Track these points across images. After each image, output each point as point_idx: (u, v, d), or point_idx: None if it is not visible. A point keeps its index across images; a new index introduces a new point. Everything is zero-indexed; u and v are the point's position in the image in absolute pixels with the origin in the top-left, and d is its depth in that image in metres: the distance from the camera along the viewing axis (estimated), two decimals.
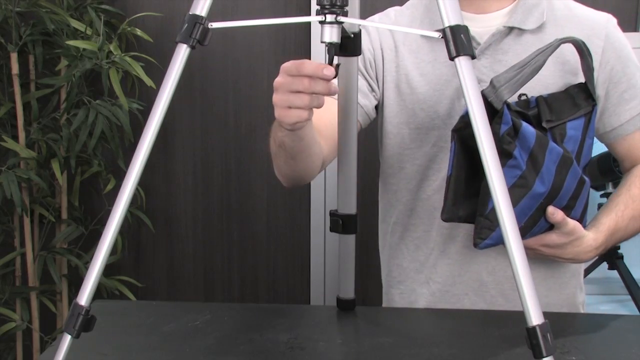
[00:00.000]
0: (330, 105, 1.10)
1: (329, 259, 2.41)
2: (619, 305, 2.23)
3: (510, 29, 1.26)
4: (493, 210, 0.99)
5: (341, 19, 0.89)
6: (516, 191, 1.11)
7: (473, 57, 0.83)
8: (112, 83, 2.01)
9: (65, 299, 2.23)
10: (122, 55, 2.03)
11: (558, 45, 1.16)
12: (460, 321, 1.22)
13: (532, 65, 1.12)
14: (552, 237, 1.20)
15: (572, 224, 1.19)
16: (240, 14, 2.28)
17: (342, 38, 0.91)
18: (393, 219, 1.37)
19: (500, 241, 1.05)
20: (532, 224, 1.16)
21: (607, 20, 1.30)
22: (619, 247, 2.28)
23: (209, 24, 0.87)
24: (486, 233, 1.13)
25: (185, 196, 2.43)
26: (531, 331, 0.81)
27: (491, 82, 1.11)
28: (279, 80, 0.98)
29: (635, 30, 2.27)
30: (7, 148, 2.08)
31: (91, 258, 0.88)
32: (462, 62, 0.82)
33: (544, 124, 1.15)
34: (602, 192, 2.25)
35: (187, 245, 2.46)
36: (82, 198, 2.30)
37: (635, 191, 1.30)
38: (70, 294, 2.24)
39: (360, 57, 1.31)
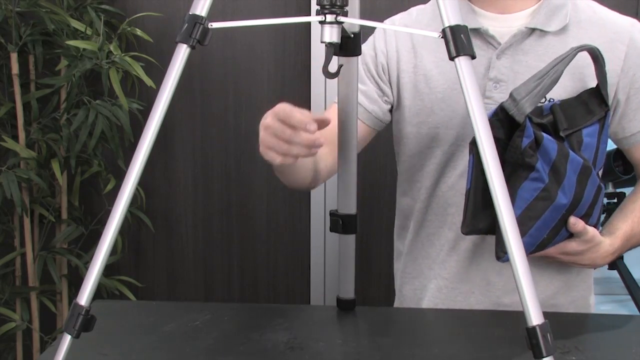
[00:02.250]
0: (335, 113, 1.10)
1: (329, 259, 2.41)
2: (619, 305, 2.23)
3: (532, 30, 1.25)
4: (521, 221, 1.00)
5: (341, 19, 0.89)
6: (539, 204, 1.10)
7: (473, 57, 0.83)
8: (112, 83, 2.01)
9: (65, 299, 2.23)
10: (122, 55, 2.03)
11: (576, 54, 1.14)
12: (461, 321, 1.22)
13: (552, 76, 1.11)
14: (572, 245, 1.20)
15: (592, 231, 1.19)
16: (240, 14, 2.28)
17: (342, 38, 0.91)
18: (413, 216, 1.38)
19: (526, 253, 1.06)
20: (554, 235, 1.16)
21: (631, 25, 1.28)
22: None
23: (209, 24, 0.87)
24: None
25: (185, 196, 2.43)
26: (531, 331, 0.81)
27: (511, 95, 1.09)
28: (267, 122, 0.98)
29: None
30: (7, 148, 2.08)
31: (91, 258, 0.88)
32: (462, 62, 0.82)
33: (562, 133, 1.14)
34: None
35: (187, 245, 2.46)
36: (82, 198, 2.30)
37: None
38: (70, 294, 2.24)
39: (372, 60, 1.33)
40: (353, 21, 0.92)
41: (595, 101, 1.19)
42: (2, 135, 2.08)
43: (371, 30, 1.37)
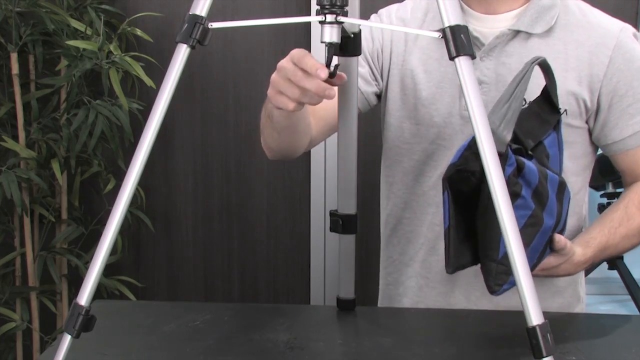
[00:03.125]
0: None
1: (329, 259, 2.41)
2: (619, 305, 2.24)
3: (517, 32, 1.25)
4: (506, 255, 0.94)
5: (341, 19, 0.89)
6: (528, 231, 1.06)
7: (473, 57, 0.83)
8: (112, 83, 2.01)
9: (65, 299, 2.23)
10: (122, 55, 2.03)
11: (532, 68, 1.09)
12: (460, 321, 1.22)
13: (519, 97, 1.05)
14: (549, 261, 1.17)
15: (569, 244, 1.17)
16: (240, 14, 2.28)
17: (342, 38, 0.91)
18: (387, 211, 1.39)
19: (515, 283, 1.01)
20: (540, 259, 1.13)
21: (620, 30, 1.26)
22: None
23: (209, 24, 0.87)
24: (503, 278, 1.05)
25: (185, 196, 2.43)
26: (531, 331, 0.81)
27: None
28: (282, 63, 0.98)
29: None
30: (7, 148, 2.08)
31: (91, 258, 0.88)
32: (462, 62, 0.83)
33: (530, 152, 1.10)
34: (602, 192, 2.25)
35: (187, 245, 2.46)
36: (82, 198, 2.30)
37: (632, 210, 1.27)
38: (70, 294, 2.24)
39: (368, 44, 1.33)
40: (353, 21, 0.92)
41: (546, 109, 1.16)
42: (2, 135, 2.08)
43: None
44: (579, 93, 1.24)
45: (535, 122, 1.13)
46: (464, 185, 1.02)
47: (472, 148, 1.01)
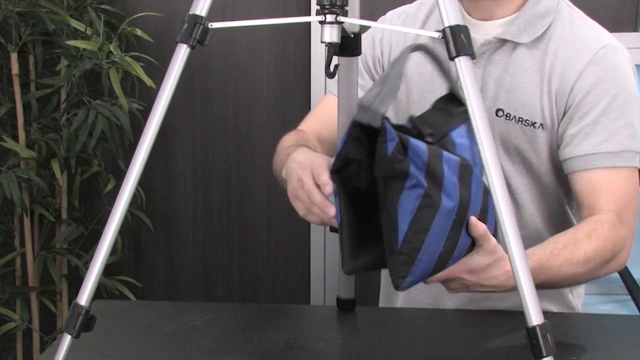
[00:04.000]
0: (333, 109, 1.10)
1: (329, 259, 2.41)
2: (619, 305, 2.23)
3: (505, 41, 1.22)
4: (406, 242, 0.90)
5: (341, 19, 0.89)
6: (424, 212, 0.93)
7: (473, 57, 0.83)
8: (112, 83, 2.01)
9: (65, 299, 2.23)
10: (122, 55, 2.03)
11: (410, 52, 0.99)
12: (460, 321, 1.22)
13: (393, 78, 0.95)
14: (475, 259, 1.03)
15: (493, 241, 1.02)
16: (240, 14, 2.28)
17: (342, 38, 0.91)
18: None
19: (424, 274, 0.95)
20: (452, 247, 0.98)
21: (602, 47, 1.20)
22: None
23: (209, 24, 0.87)
24: (406, 269, 0.95)
25: (185, 196, 2.43)
26: (531, 331, 0.81)
27: (359, 105, 0.94)
28: (301, 175, 1.02)
29: (635, 30, 2.26)
30: (7, 148, 2.08)
31: (91, 258, 0.88)
32: (462, 62, 0.83)
33: (428, 139, 0.99)
34: None
35: (187, 245, 2.46)
36: (82, 198, 2.30)
37: (580, 236, 1.14)
38: (70, 294, 2.23)
39: (370, 53, 1.33)
40: (353, 21, 0.93)
41: (452, 104, 1.06)
42: (2, 135, 2.08)
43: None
44: (552, 108, 1.22)
45: (439, 117, 1.04)
46: (357, 181, 0.96)
47: (351, 133, 0.94)
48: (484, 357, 1.05)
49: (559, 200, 1.31)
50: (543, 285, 1.10)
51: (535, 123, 1.22)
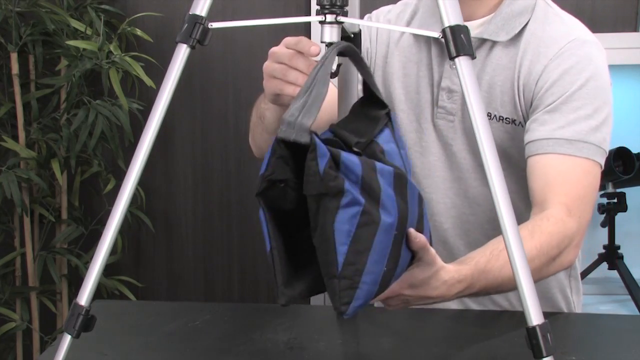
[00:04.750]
0: (331, 93, 1.10)
1: None
2: (619, 305, 2.23)
3: (484, 41, 1.22)
4: (347, 264, 0.85)
5: (341, 19, 0.89)
6: (364, 231, 0.86)
7: (473, 57, 0.83)
8: (112, 83, 2.01)
9: (65, 299, 2.23)
10: (122, 55, 2.03)
11: (333, 55, 0.90)
12: (460, 321, 1.22)
13: (320, 83, 0.88)
14: (415, 273, 0.97)
15: (432, 251, 0.97)
16: (240, 14, 2.28)
17: (342, 38, 0.91)
18: None
19: (370, 297, 0.87)
20: (394, 265, 0.91)
21: (569, 41, 1.19)
22: (619, 247, 2.29)
23: (209, 24, 0.87)
24: (349, 294, 0.87)
25: (185, 196, 2.43)
26: (531, 331, 0.81)
27: (283, 121, 0.85)
28: (275, 49, 1.00)
29: (635, 30, 2.27)
30: (7, 148, 2.08)
31: (91, 258, 0.88)
32: (462, 62, 0.83)
33: (355, 148, 0.92)
34: (601, 192, 2.25)
35: (187, 245, 2.46)
36: (82, 198, 2.30)
37: (523, 233, 1.05)
38: (70, 294, 2.24)
39: (363, 45, 1.32)
40: (353, 21, 0.93)
41: (372, 107, 0.99)
42: (2, 135, 2.08)
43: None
44: (522, 104, 1.21)
45: (361, 122, 0.97)
46: (283, 202, 0.90)
47: (275, 152, 0.88)
48: (484, 357, 1.05)
49: None
50: (487, 291, 1.06)
51: (515, 120, 1.21)
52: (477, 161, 1.24)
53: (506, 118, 1.22)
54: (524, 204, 1.23)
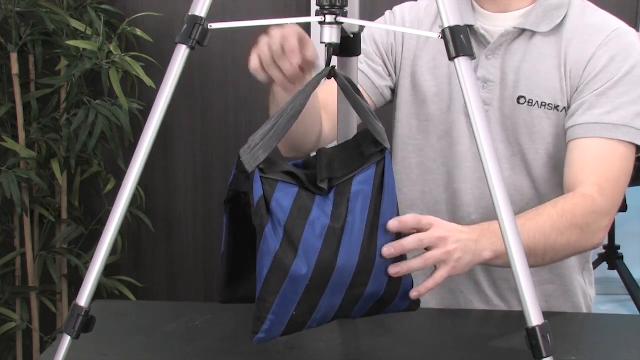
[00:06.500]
0: (330, 90, 1.10)
1: None
2: (619, 305, 2.24)
3: (523, 31, 1.25)
4: (259, 299, 0.86)
5: (341, 19, 0.89)
6: (274, 275, 0.87)
7: (473, 57, 0.83)
8: (112, 83, 2.01)
9: (65, 299, 2.23)
10: (122, 56, 2.03)
11: (320, 80, 0.92)
12: (460, 321, 1.22)
13: (289, 112, 0.90)
14: (420, 237, 1.01)
15: (418, 216, 1.01)
16: (240, 14, 2.28)
17: (341, 38, 0.91)
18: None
19: (275, 335, 0.90)
20: (309, 309, 0.91)
21: (613, 30, 1.24)
22: (619, 247, 2.29)
23: (209, 24, 0.87)
24: (257, 325, 0.89)
25: (185, 196, 2.43)
26: (531, 332, 0.81)
27: (248, 141, 0.91)
28: (274, 31, 1.01)
29: (635, 30, 2.27)
30: (7, 148, 2.08)
31: (91, 258, 0.88)
32: (462, 62, 0.83)
33: (320, 184, 0.92)
34: None
35: (187, 245, 2.46)
36: (82, 198, 2.30)
37: (545, 205, 1.14)
38: (70, 294, 2.24)
39: (382, 40, 1.34)
40: (353, 22, 0.93)
41: (369, 141, 0.96)
42: (2, 135, 2.08)
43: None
44: (569, 90, 1.24)
45: (351, 156, 0.96)
46: (243, 210, 0.93)
47: (239, 167, 0.91)
48: (484, 357, 1.05)
49: None
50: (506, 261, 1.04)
51: (558, 106, 1.23)
52: (511, 150, 1.27)
53: (549, 104, 1.24)
54: (558, 194, 1.22)
